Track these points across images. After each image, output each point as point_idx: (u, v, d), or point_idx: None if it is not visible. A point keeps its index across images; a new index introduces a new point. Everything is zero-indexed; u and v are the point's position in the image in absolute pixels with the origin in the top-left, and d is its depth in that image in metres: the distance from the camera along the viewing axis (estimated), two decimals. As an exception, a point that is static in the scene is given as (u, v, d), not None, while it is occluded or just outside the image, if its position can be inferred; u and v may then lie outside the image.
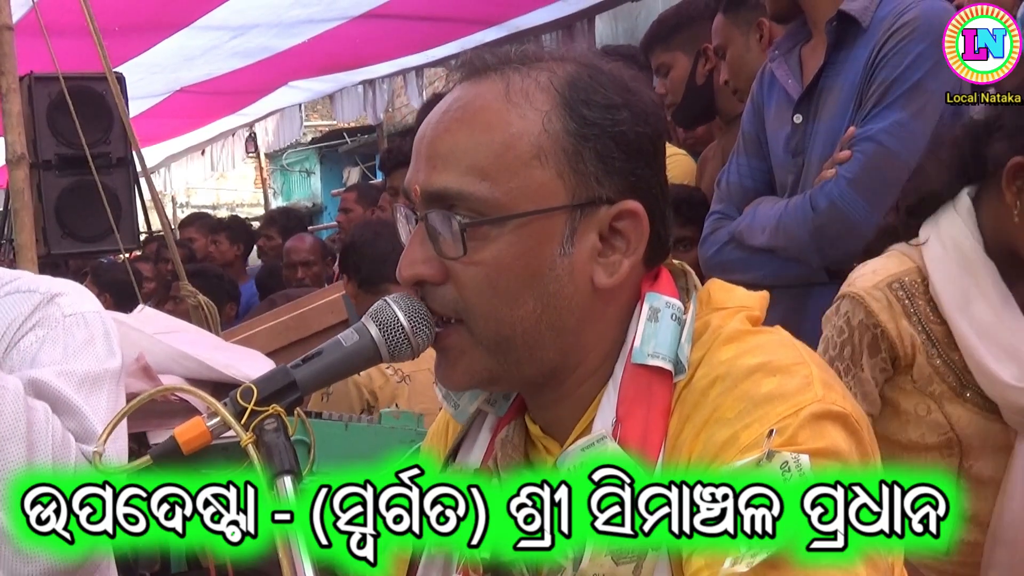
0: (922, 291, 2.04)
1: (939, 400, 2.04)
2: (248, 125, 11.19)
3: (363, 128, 16.25)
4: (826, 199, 2.50)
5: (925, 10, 2.48)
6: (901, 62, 2.46)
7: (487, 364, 1.24)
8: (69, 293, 1.87)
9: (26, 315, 1.80)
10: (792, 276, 2.58)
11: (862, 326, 2.05)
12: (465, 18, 7.36)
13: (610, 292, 1.25)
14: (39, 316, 1.80)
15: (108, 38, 4.57)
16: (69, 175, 4.99)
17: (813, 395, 1.15)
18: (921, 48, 2.41)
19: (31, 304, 1.81)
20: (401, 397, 3.22)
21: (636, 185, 1.24)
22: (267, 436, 1.14)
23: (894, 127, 2.45)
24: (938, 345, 2.03)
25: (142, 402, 1.21)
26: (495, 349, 1.23)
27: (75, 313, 1.83)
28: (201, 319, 4.28)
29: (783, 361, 1.19)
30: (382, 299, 1.24)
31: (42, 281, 1.89)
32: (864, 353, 2.05)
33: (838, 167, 2.51)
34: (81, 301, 1.87)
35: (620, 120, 1.23)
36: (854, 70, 2.56)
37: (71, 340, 1.79)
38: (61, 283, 1.91)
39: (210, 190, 21.02)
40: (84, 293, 1.92)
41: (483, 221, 1.20)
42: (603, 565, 1.14)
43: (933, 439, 2.05)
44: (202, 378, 2.89)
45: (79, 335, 1.81)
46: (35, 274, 2.13)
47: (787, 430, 1.11)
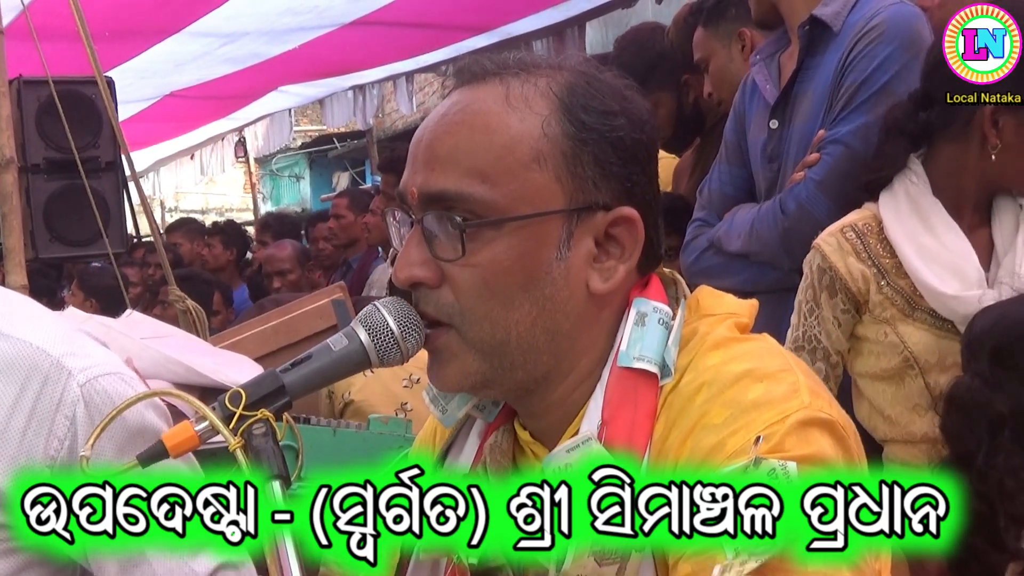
0: (875, 232, 2.30)
1: (892, 323, 2.26)
2: (238, 130, 11.16)
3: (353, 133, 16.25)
4: (794, 201, 2.53)
5: (893, 14, 2.51)
6: (868, 65, 2.48)
7: (480, 367, 1.24)
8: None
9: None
10: (769, 281, 2.60)
11: (819, 270, 2.32)
12: (456, 25, 7.36)
13: (604, 297, 1.25)
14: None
15: (98, 43, 4.56)
16: (58, 179, 4.96)
17: (800, 402, 1.16)
18: (888, 51, 2.43)
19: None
20: (355, 385, 3.14)
21: (632, 191, 1.25)
22: (255, 441, 1.15)
23: (861, 129, 2.48)
24: (887, 275, 2.27)
25: (130, 406, 1.21)
26: (489, 352, 1.23)
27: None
28: (189, 324, 4.27)
29: (770, 368, 1.19)
30: (371, 304, 1.25)
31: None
32: (823, 294, 2.31)
33: (806, 170, 2.53)
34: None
35: (617, 126, 1.24)
36: (826, 74, 2.58)
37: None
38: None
39: (199, 195, 21.00)
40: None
41: (481, 223, 1.20)
42: (585, 566, 1.14)
43: (895, 361, 2.26)
44: (190, 383, 2.88)
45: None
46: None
47: (774, 437, 1.12)
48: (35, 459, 1.52)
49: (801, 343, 2.36)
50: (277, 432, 1.16)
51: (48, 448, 1.53)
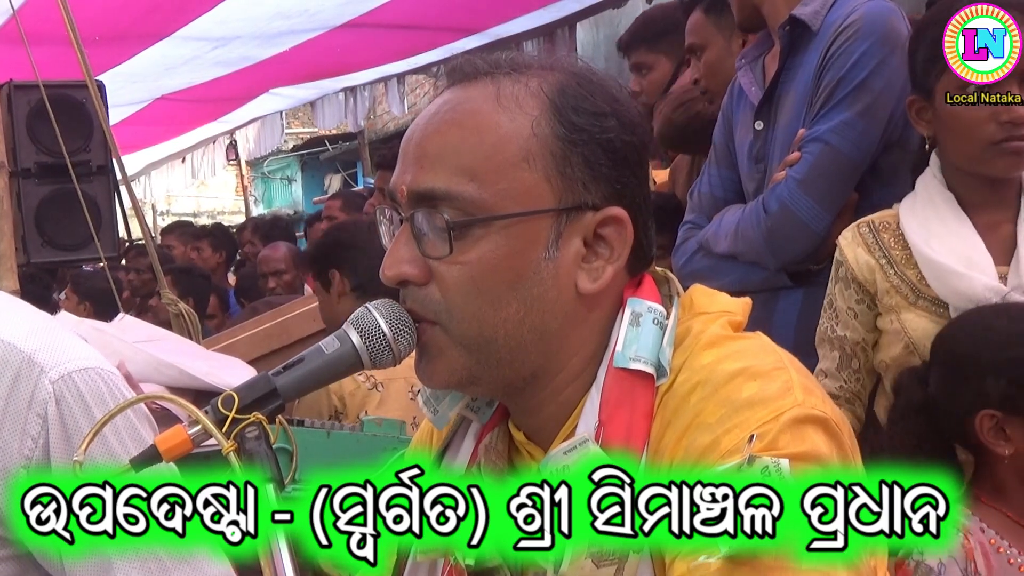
0: (892, 228, 2.34)
1: (897, 311, 2.30)
2: (229, 132, 11.16)
3: (344, 135, 16.25)
4: (776, 201, 2.54)
5: (869, 10, 2.52)
6: (846, 63, 2.49)
7: (466, 363, 1.24)
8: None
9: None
10: (757, 281, 2.61)
11: (836, 262, 2.39)
12: (446, 26, 7.37)
13: (593, 298, 1.25)
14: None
15: (89, 47, 4.55)
16: (49, 183, 4.96)
17: (793, 400, 1.16)
18: (865, 47, 2.44)
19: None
20: (371, 404, 3.19)
21: (621, 192, 1.25)
22: (248, 444, 1.14)
23: (840, 127, 2.49)
24: (895, 265, 2.32)
25: (122, 410, 1.21)
26: (475, 350, 1.23)
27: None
28: (182, 327, 4.27)
29: (763, 366, 1.20)
30: (363, 306, 1.25)
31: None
32: (839, 285, 2.38)
33: (788, 169, 2.54)
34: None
35: (608, 127, 1.24)
36: (807, 74, 2.59)
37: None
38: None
39: (191, 198, 20.97)
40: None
41: (470, 221, 1.20)
42: (583, 568, 1.14)
43: (899, 348, 2.29)
44: (183, 386, 2.88)
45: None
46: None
47: (768, 435, 1.12)
48: (10, 459, 1.50)
49: (823, 336, 2.40)
50: (270, 435, 1.16)
51: (23, 448, 1.50)
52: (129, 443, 1.53)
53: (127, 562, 1.50)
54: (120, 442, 1.52)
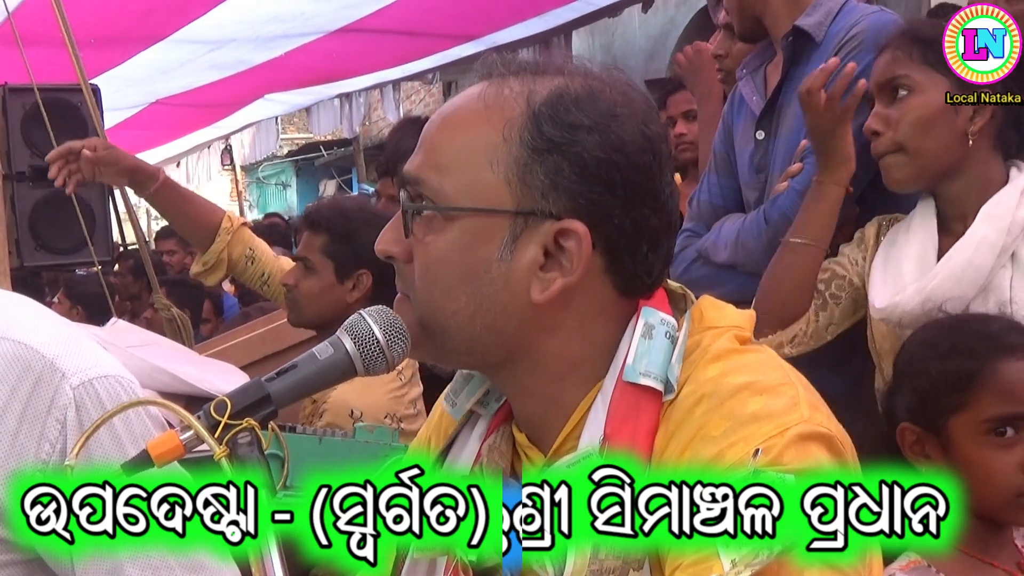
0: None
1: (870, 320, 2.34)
2: (224, 137, 11.17)
3: (339, 141, 16.26)
4: (778, 212, 2.53)
5: (872, 22, 2.52)
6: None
7: (425, 343, 1.28)
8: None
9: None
10: (756, 291, 2.60)
11: (857, 237, 2.44)
12: (442, 33, 7.37)
13: (547, 308, 1.25)
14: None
15: (84, 50, 4.55)
16: (43, 187, 4.93)
17: (799, 415, 1.16)
18: (869, 59, 2.43)
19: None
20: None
21: (588, 209, 1.23)
22: (241, 450, 1.14)
23: None
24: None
25: (115, 414, 1.20)
26: (432, 334, 1.27)
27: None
28: (175, 332, 4.26)
29: (770, 381, 1.19)
30: (357, 313, 1.25)
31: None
32: (851, 245, 2.43)
33: (790, 180, 2.53)
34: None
35: (579, 141, 1.23)
36: None
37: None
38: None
39: (185, 203, 20.92)
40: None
41: (423, 207, 1.25)
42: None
43: (873, 355, 2.34)
44: (176, 392, 2.88)
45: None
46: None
47: (772, 450, 1.12)
48: (26, 462, 1.50)
49: (819, 284, 2.40)
50: (263, 441, 1.16)
51: (40, 451, 1.50)
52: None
53: (139, 568, 1.51)
54: (136, 448, 1.52)
